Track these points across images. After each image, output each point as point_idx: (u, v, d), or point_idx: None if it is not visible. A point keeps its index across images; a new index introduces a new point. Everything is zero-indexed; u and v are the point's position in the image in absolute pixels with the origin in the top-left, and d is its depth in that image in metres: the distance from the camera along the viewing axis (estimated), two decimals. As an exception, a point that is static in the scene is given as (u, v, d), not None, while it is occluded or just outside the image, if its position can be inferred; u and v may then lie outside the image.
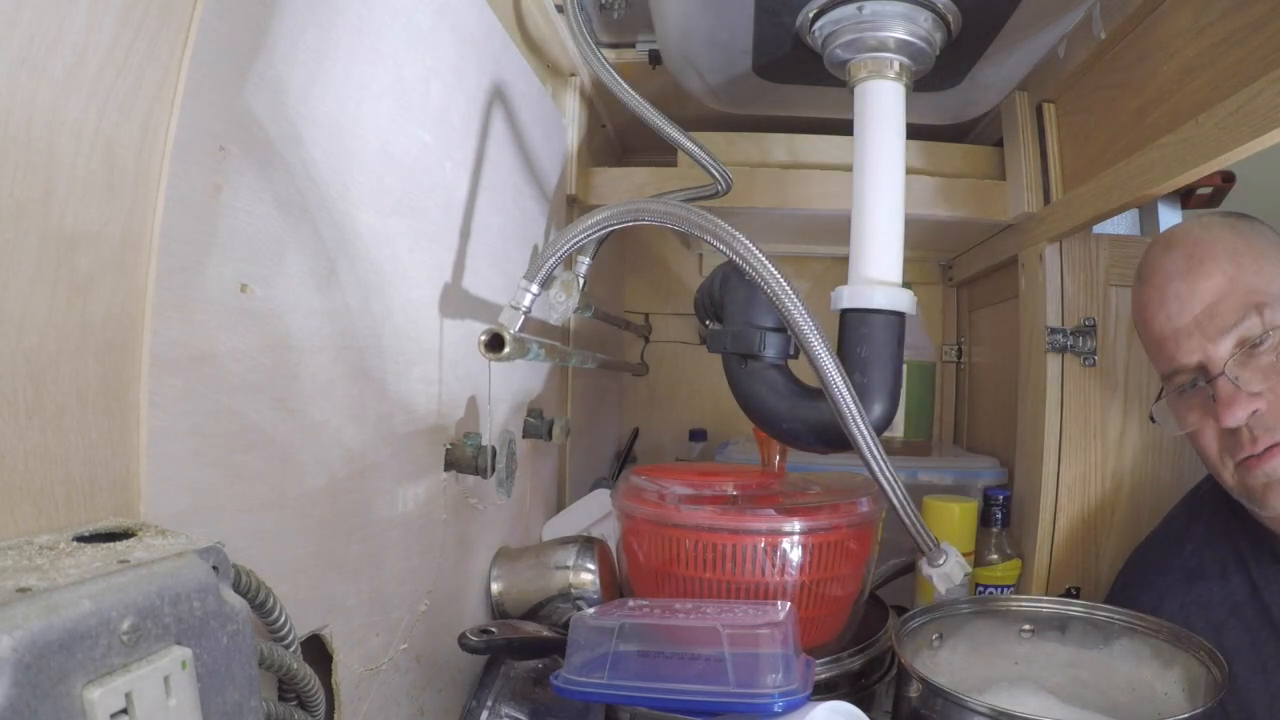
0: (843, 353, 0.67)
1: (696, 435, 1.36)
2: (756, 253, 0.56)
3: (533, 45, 0.90)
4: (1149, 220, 1.12)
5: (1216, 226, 0.70)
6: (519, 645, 0.65)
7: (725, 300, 0.70)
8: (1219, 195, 1.16)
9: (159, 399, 0.35)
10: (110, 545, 0.30)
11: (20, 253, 0.29)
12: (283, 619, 0.40)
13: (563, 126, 1.00)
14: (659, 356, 1.47)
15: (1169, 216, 1.11)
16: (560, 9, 0.86)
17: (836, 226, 0.72)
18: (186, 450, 0.37)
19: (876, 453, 0.60)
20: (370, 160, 0.53)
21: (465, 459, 0.65)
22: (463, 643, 0.62)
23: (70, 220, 0.31)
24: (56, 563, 0.28)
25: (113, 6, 0.32)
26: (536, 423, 0.87)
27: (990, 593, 0.92)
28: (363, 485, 0.53)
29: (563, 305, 0.65)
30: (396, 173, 0.56)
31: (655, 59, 0.94)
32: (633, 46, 0.97)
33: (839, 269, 0.70)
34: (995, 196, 1.02)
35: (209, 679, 0.30)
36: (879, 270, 0.67)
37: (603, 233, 0.61)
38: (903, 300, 0.66)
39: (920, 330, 1.27)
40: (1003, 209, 1.02)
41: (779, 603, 0.62)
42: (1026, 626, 0.72)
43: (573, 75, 1.02)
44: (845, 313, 0.67)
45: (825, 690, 0.67)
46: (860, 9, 0.66)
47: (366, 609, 0.54)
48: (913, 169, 0.70)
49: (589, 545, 0.79)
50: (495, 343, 0.57)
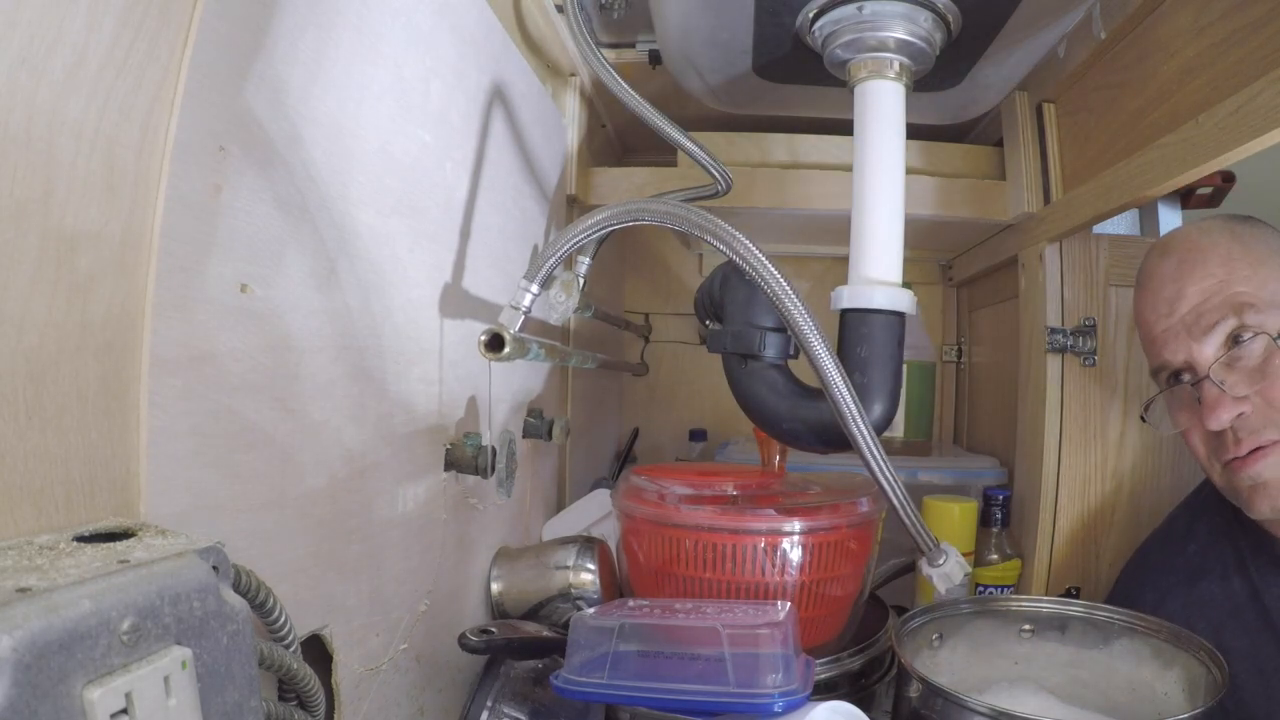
0: (843, 353, 0.67)
1: (696, 435, 1.36)
2: (756, 253, 0.56)
3: (533, 45, 0.90)
4: (1149, 220, 1.12)
5: (1215, 231, 0.70)
6: (519, 645, 0.65)
7: (725, 300, 0.70)
8: (1219, 195, 1.16)
9: (159, 399, 0.35)
10: (110, 545, 0.30)
11: (20, 253, 0.29)
12: (283, 619, 0.40)
13: (563, 126, 1.00)
14: (659, 356, 1.47)
15: (1169, 216, 1.11)
16: (560, 9, 0.86)
17: (836, 226, 0.72)
18: (186, 450, 0.37)
19: (876, 453, 0.60)
20: (370, 160, 0.53)
21: (465, 459, 0.65)
22: (463, 643, 0.62)
23: (70, 220, 0.31)
24: (56, 563, 0.28)
25: (113, 6, 0.32)
26: (536, 423, 0.87)
27: (990, 593, 0.92)
28: (363, 485, 0.53)
29: (563, 305, 0.65)
30: (396, 173, 0.56)
31: (655, 59, 0.94)
32: (633, 46, 0.97)
33: (839, 269, 0.70)
34: (995, 196, 1.02)
35: (209, 679, 0.30)
36: (879, 270, 0.67)
37: (603, 233, 0.61)
38: (903, 300, 0.66)
39: (920, 330, 1.27)
40: (1003, 209, 1.02)
41: (779, 603, 0.62)
42: (1026, 626, 0.72)
43: (573, 75, 1.02)
44: (845, 313, 0.67)
45: (825, 690, 0.67)
46: (860, 9, 0.66)
47: (366, 609, 0.54)
48: (913, 169, 0.70)
49: (589, 545, 0.79)
50: (495, 343, 0.57)
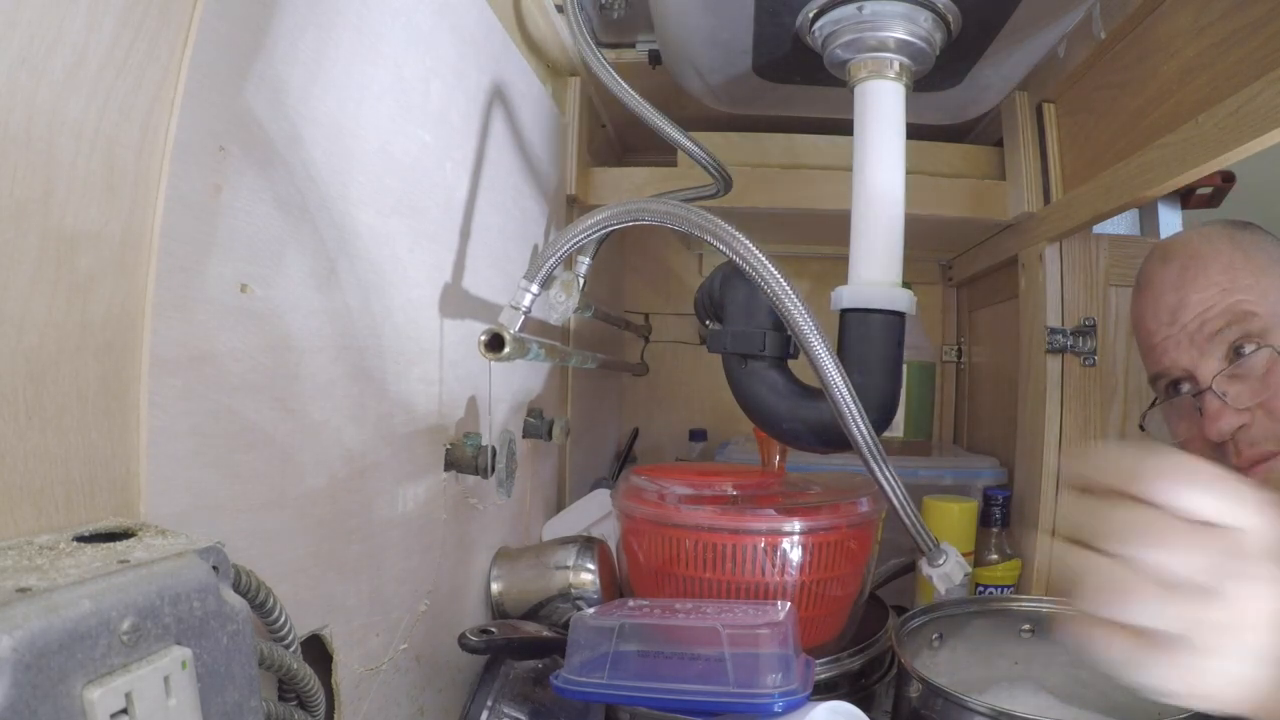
0: (843, 353, 0.67)
1: (696, 435, 1.36)
2: (756, 253, 0.56)
3: (533, 45, 0.90)
4: (1149, 220, 1.12)
5: (1217, 238, 0.69)
6: (519, 645, 0.65)
7: (725, 300, 0.70)
8: (1219, 195, 1.16)
9: (159, 399, 0.35)
10: (110, 545, 0.30)
11: (20, 253, 0.29)
12: (283, 619, 0.40)
13: (563, 126, 1.00)
14: (659, 356, 1.47)
15: (1169, 216, 1.11)
16: (560, 9, 0.86)
17: (836, 226, 0.72)
18: (186, 450, 0.37)
19: (876, 453, 0.60)
20: (370, 160, 0.53)
21: (465, 459, 0.65)
22: (463, 643, 0.62)
23: (70, 220, 0.31)
24: (56, 563, 0.28)
25: (113, 6, 0.32)
26: (536, 423, 0.87)
27: (990, 593, 0.92)
28: (363, 485, 0.53)
29: (563, 305, 0.65)
30: (396, 173, 0.56)
31: (655, 59, 0.94)
32: (633, 46, 0.97)
33: (839, 269, 0.70)
34: (995, 196, 1.02)
35: (209, 679, 0.30)
36: (879, 270, 0.67)
37: (603, 233, 0.61)
38: (902, 300, 0.66)
39: (920, 330, 1.27)
40: (1003, 209, 1.02)
41: (779, 603, 0.62)
42: (1026, 626, 0.72)
43: (573, 75, 1.02)
44: (845, 313, 0.67)
45: (825, 690, 0.67)
46: (860, 9, 0.66)
47: (366, 609, 0.54)
48: (913, 169, 0.69)
49: (589, 545, 0.79)
50: (495, 343, 0.57)
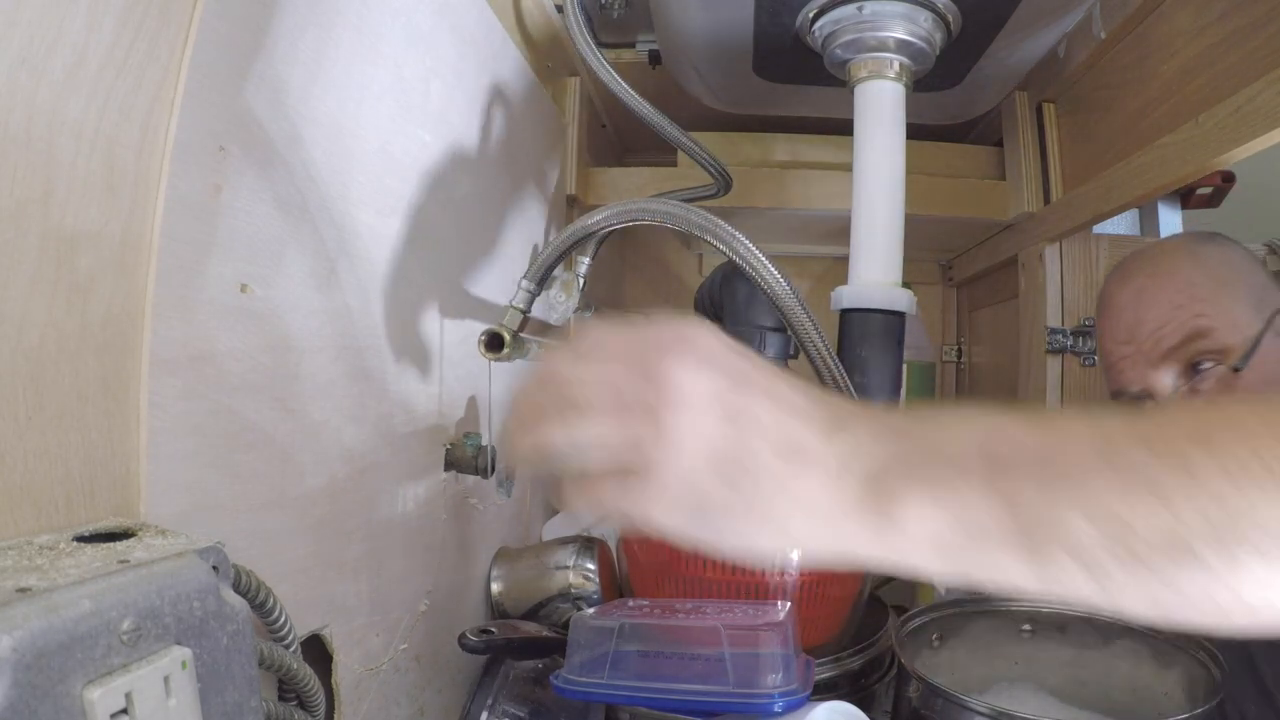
0: (843, 353, 0.67)
1: (696, 435, 1.35)
2: (756, 253, 0.56)
3: (533, 45, 0.90)
4: (1149, 220, 1.11)
5: (1175, 254, 0.69)
6: (519, 645, 0.65)
7: (725, 300, 0.70)
8: (1219, 195, 1.16)
9: (159, 399, 0.35)
10: (110, 545, 0.30)
11: (20, 253, 0.29)
12: (283, 619, 0.40)
13: (563, 126, 1.00)
14: (659, 356, 1.46)
15: (1169, 216, 1.11)
16: (560, 9, 0.86)
17: (836, 226, 0.72)
18: (186, 450, 0.37)
19: (876, 453, 0.59)
20: (370, 160, 0.53)
21: (465, 459, 0.65)
22: (463, 643, 0.62)
23: (70, 220, 0.31)
24: (56, 563, 0.28)
25: (113, 6, 0.32)
26: (536, 423, 0.86)
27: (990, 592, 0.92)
28: (363, 485, 0.53)
29: (563, 305, 0.65)
30: (396, 173, 0.56)
31: (655, 59, 0.94)
32: (633, 46, 0.97)
33: (839, 269, 0.70)
34: (995, 196, 1.02)
35: (209, 679, 0.30)
36: (879, 270, 0.67)
37: (603, 233, 0.61)
38: (902, 300, 0.66)
39: (920, 330, 1.27)
40: (1003, 209, 1.02)
41: (779, 603, 0.62)
42: (1026, 626, 0.71)
43: (573, 75, 1.02)
44: (845, 313, 0.67)
45: (825, 690, 0.67)
46: (860, 9, 0.66)
47: (366, 609, 0.54)
48: (913, 169, 0.69)
49: (589, 545, 0.79)
50: (495, 343, 0.57)
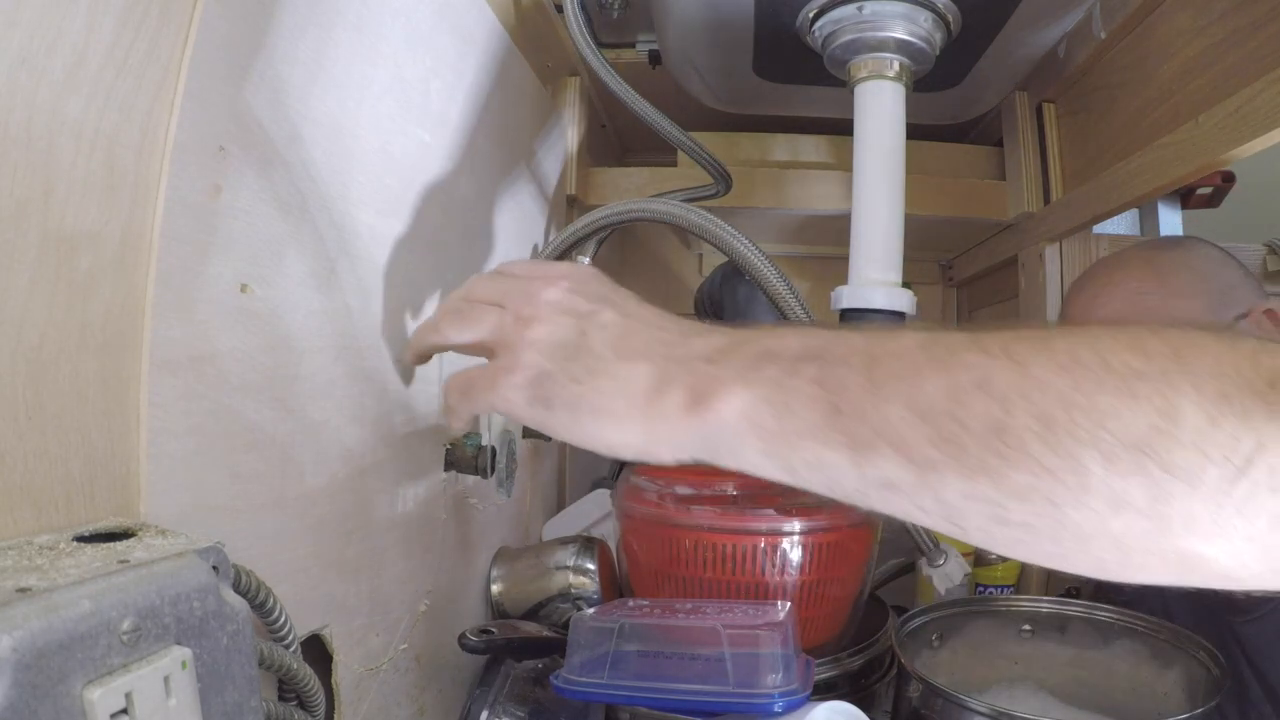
0: (843, 353, 0.67)
1: (696, 435, 1.35)
2: (756, 253, 0.56)
3: (533, 45, 0.90)
4: (1149, 220, 1.12)
5: (1130, 263, 0.69)
6: (519, 645, 0.65)
7: (725, 300, 0.70)
8: (1219, 195, 1.16)
9: (159, 399, 0.35)
10: (110, 545, 0.30)
11: (20, 253, 0.29)
12: (283, 619, 0.40)
13: (563, 126, 1.00)
14: (659, 356, 1.46)
15: (1169, 216, 1.11)
16: (560, 9, 0.86)
17: (836, 226, 0.72)
18: (186, 450, 0.37)
19: (876, 453, 0.59)
20: (370, 160, 0.53)
21: (465, 459, 0.65)
22: (463, 643, 0.62)
23: (70, 220, 0.31)
24: (56, 563, 0.28)
25: (113, 6, 0.32)
26: (536, 423, 0.86)
27: (990, 593, 0.92)
28: (363, 485, 0.53)
29: (563, 305, 0.65)
30: (396, 173, 0.56)
31: (655, 59, 0.94)
32: (633, 46, 0.97)
33: (839, 269, 0.70)
34: (995, 196, 1.02)
35: (209, 679, 0.30)
36: (879, 270, 0.67)
37: (603, 232, 0.61)
38: (903, 300, 0.66)
39: (920, 330, 1.27)
40: (1003, 209, 1.02)
41: (779, 603, 0.62)
42: (1026, 626, 0.72)
43: (573, 75, 1.02)
44: (845, 313, 0.67)
45: (825, 690, 0.67)
46: (860, 9, 0.66)
47: (366, 609, 0.54)
48: (913, 169, 0.69)
49: (589, 545, 0.79)
50: (495, 343, 0.57)
